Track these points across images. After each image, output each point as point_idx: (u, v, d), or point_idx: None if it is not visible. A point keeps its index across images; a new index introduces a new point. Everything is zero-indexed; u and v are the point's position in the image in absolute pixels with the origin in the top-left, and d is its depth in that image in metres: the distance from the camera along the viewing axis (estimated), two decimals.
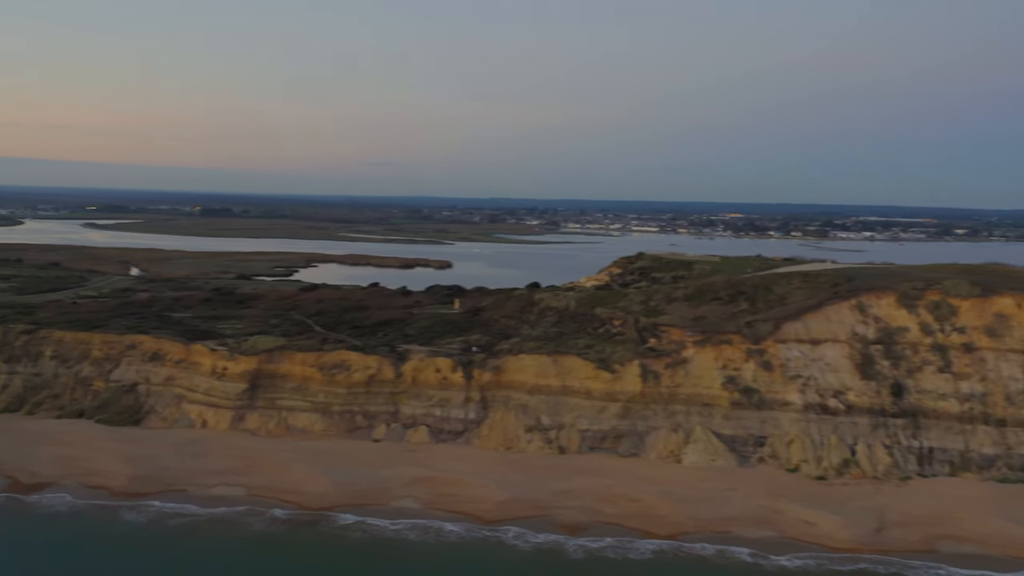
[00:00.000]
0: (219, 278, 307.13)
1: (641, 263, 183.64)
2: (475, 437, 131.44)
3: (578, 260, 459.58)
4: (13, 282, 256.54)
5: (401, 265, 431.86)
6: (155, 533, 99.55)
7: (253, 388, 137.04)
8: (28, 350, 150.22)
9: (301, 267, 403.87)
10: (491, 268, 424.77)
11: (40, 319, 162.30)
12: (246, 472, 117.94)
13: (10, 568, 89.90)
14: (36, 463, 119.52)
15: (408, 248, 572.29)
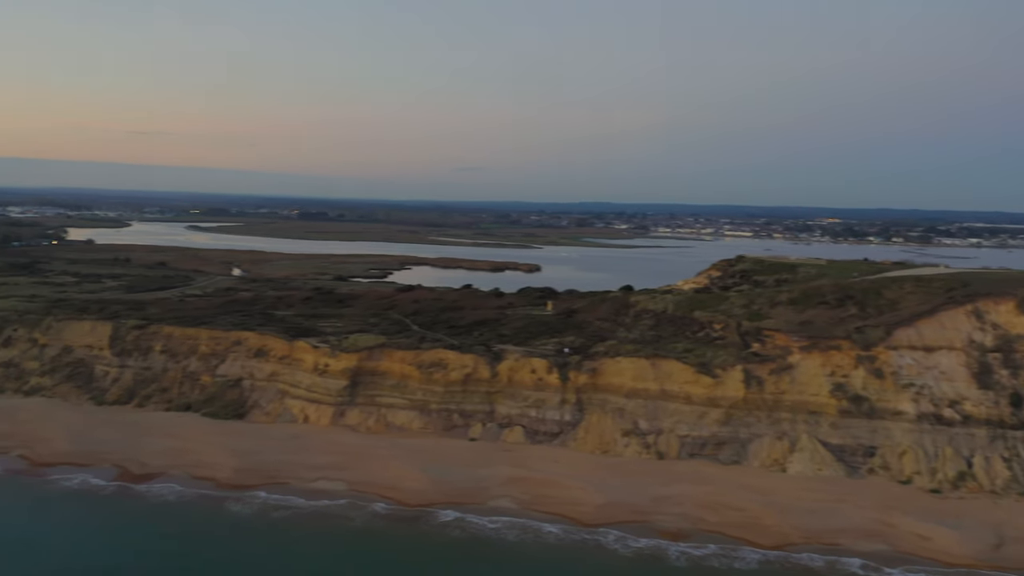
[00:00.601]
0: (317, 279, 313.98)
1: (742, 266, 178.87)
2: (571, 439, 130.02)
3: (669, 264, 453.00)
4: (123, 280, 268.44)
5: (491, 268, 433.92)
6: (260, 524, 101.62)
7: (353, 385, 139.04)
8: (139, 345, 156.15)
9: (395, 269, 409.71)
10: (580, 272, 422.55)
11: (150, 315, 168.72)
12: (347, 467, 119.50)
13: (123, 554, 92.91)
14: (145, 454, 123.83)
15: (497, 252, 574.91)
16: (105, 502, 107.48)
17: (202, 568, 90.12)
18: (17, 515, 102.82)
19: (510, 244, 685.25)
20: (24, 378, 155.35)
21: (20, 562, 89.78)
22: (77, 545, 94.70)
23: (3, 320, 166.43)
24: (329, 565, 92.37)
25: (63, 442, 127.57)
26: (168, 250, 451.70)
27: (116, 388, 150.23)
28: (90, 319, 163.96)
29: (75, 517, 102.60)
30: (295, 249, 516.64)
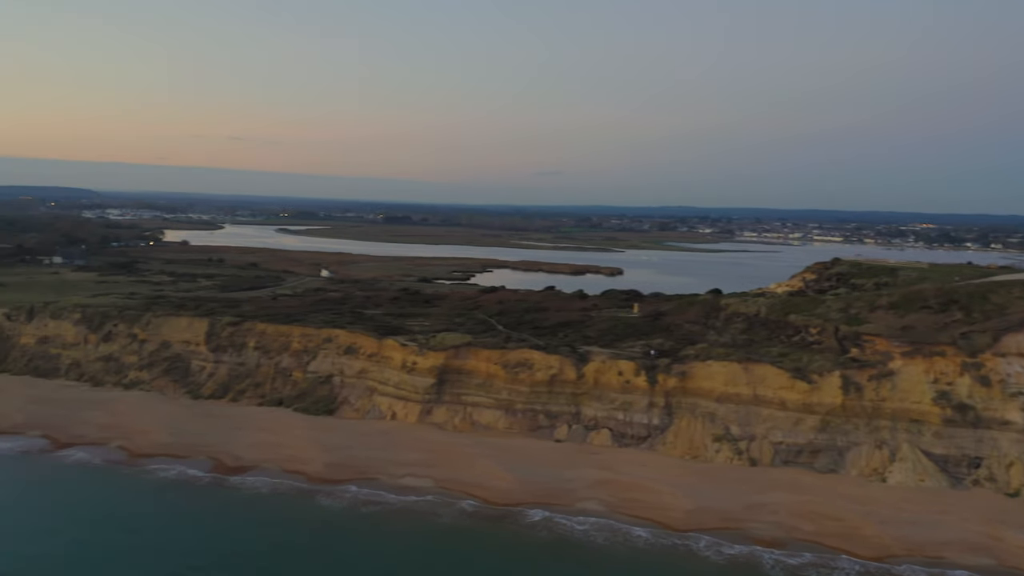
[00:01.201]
0: (402, 280, 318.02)
1: (838, 268, 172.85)
2: (659, 443, 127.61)
3: (756, 269, 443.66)
4: (216, 280, 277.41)
5: (572, 271, 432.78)
6: (351, 518, 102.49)
7: (440, 383, 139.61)
8: (233, 341, 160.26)
9: (477, 272, 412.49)
10: (663, 275, 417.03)
11: (244, 312, 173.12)
12: (434, 464, 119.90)
13: (220, 543, 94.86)
14: (239, 447, 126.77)
15: (578, 255, 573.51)
16: (202, 493, 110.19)
17: (296, 559, 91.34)
18: (118, 504, 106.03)
19: (591, 248, 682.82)
20: (124, 372, 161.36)
21: (122, 549, 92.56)
22: (176, 534, 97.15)
23: (104, 315, 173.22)
24: (419, 561, 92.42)
25: (160, 434, 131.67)
26: (259, 251, 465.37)
27: (211, 383, 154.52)
28: (187, 315, 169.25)
29: (174, 506, 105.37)
30: (380, 252, 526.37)
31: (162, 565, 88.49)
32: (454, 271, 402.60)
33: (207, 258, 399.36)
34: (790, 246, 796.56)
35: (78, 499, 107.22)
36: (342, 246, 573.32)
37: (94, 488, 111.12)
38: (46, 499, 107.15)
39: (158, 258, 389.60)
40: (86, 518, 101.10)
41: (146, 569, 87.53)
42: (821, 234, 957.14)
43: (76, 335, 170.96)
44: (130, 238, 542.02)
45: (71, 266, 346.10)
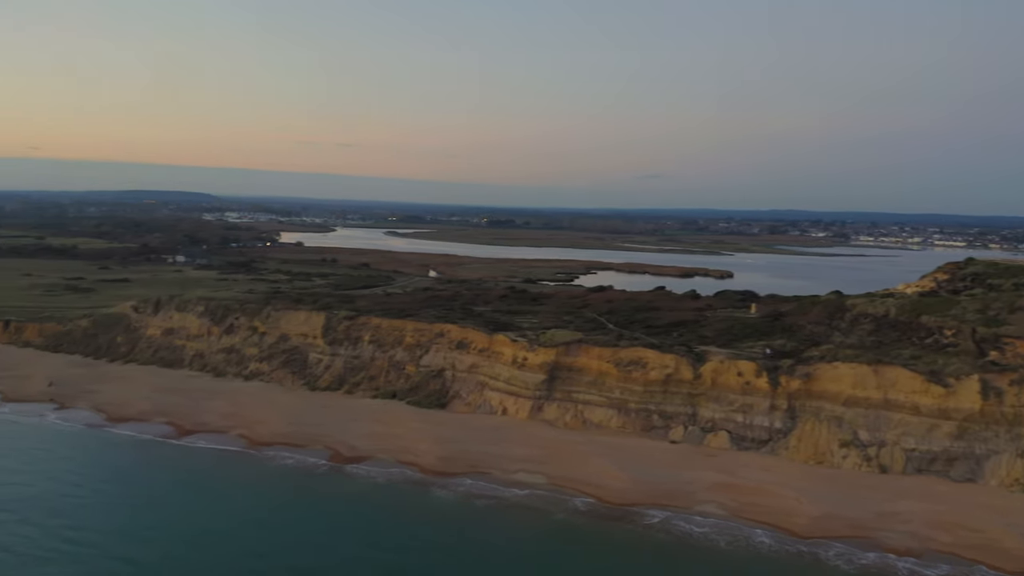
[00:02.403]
0: (507, 281, 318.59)
1: (973, 268, 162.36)
2: (781, 447, 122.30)
3: (875, 273, 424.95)
4: (330, 279, 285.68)
5: (679, 274, 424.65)
6: (465, 511, 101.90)
7: (551, 380, 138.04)
8: (349, 335, 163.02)
9: (581, 273, 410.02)
10: (776, 278, 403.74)
11: (359, 307, 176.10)
12: (546, 461, 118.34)
13: (338, 531, 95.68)
14: (354, 437, 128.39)
15: (684, 258, 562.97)
16: (319, 481, 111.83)
17: (412, 548, 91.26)
18: (240, 491, 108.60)
19: (697, 251, 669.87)
20: (244, 363, 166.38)
21: (244, 535, 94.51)
22: (297, 521, 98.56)
23: (226, 309, 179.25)
24: (538, 557, 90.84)
25: (279, 424, 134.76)
26: (370, 253, 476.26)
27: (328, 375, 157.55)
28: (305, 310, 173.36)
29: (295, 494, 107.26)
30: (485, 254, 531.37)
31: (284, 552, 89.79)
32: (558, 273, 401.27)
33: (321, 258, 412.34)
34: (909, 251, 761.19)
35: (201, 485, 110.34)
36: (448, 248, 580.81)
37: (216, 475, 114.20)
38: (171, 485, 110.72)
39: (274, 258, 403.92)
40: (209, 504, 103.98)
41: (269, 556, 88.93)
42: (942, 239, 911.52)
43: (200, 327, 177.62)
44: (248, 239, 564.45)
45: (193, 265, 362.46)
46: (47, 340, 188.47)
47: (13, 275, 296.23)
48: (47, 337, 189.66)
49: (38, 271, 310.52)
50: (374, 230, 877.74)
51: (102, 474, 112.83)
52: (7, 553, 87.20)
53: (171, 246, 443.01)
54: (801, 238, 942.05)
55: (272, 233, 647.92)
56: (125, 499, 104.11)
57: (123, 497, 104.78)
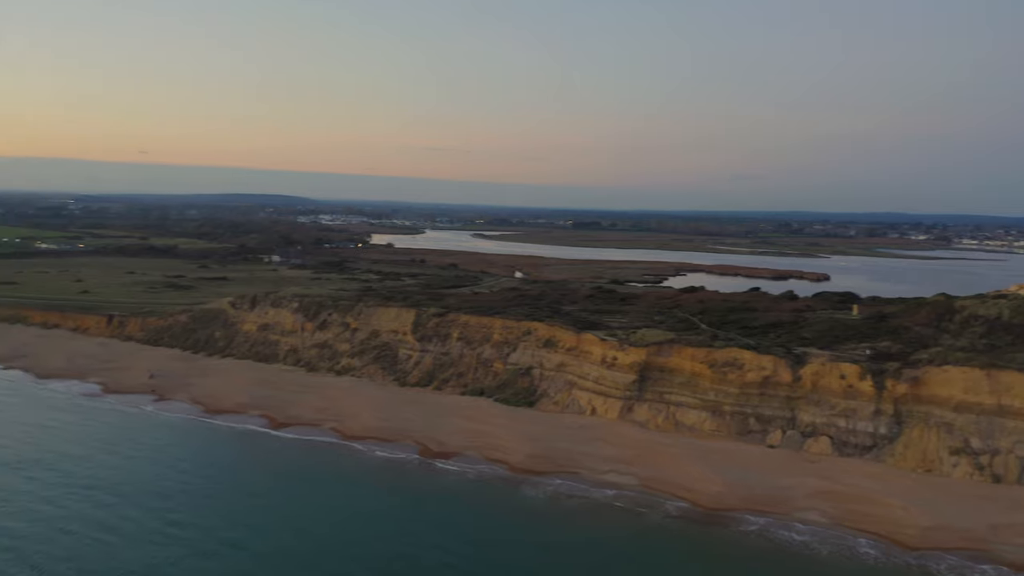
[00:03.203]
0: (593, 282, 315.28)
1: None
2: (886, 454, 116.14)
3: (981, 278, 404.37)
4: (419, 279, 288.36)
5: (773, 276, 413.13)
6: (555, 511, 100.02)
7: (642, 380, 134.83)
8: (438, 331, 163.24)
9: (670, 275, 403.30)
10: (876, 282, 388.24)
11: (448, 305, 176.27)
12: (636, 462, 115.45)
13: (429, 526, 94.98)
14: (443, 433, 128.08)
15: (778, 261, 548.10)
16: (410, 476, 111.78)
17: (503, 546, 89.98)
18: (335, 483, 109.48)
19: (792, 253, 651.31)
20: (337, 358, 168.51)
21: (341, 525, 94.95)
22: (390, 513, 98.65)
23: (319, 305, 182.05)
24: (630, 560, 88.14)
25: (370, 418, 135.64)
26: (457, 254, 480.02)
27: (417, 371, 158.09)
28: (395, 307, 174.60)
29: (387, 488, 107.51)
30: (571, 256, 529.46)
31: (380, 544, 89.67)
32: (645, 274, 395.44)
33: (410, 259, 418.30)
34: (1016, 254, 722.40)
35: (297, 476, 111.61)
36: (534, 250, 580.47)
37: (311, 467, 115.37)
38: (267, 475, 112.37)
39: (366, 258, 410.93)
40: (305, 494, 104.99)
41: (366, 547, 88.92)
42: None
43: (294, 323, 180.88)
44: (340, 240, 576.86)
45: (288, 264, 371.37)
46: (148, 334, 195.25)
47: (118, 273, 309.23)
48: (148, 331, 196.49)
49: (141, 269, 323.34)
50: (461, 232, 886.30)
51: (200, 463, 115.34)
52: (115, 535, 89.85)
53: (267, 246, 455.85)
54: (901, 241, 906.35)
55: (364, 235, 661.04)
56: (223, 487, 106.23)
57: (221, 485, 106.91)
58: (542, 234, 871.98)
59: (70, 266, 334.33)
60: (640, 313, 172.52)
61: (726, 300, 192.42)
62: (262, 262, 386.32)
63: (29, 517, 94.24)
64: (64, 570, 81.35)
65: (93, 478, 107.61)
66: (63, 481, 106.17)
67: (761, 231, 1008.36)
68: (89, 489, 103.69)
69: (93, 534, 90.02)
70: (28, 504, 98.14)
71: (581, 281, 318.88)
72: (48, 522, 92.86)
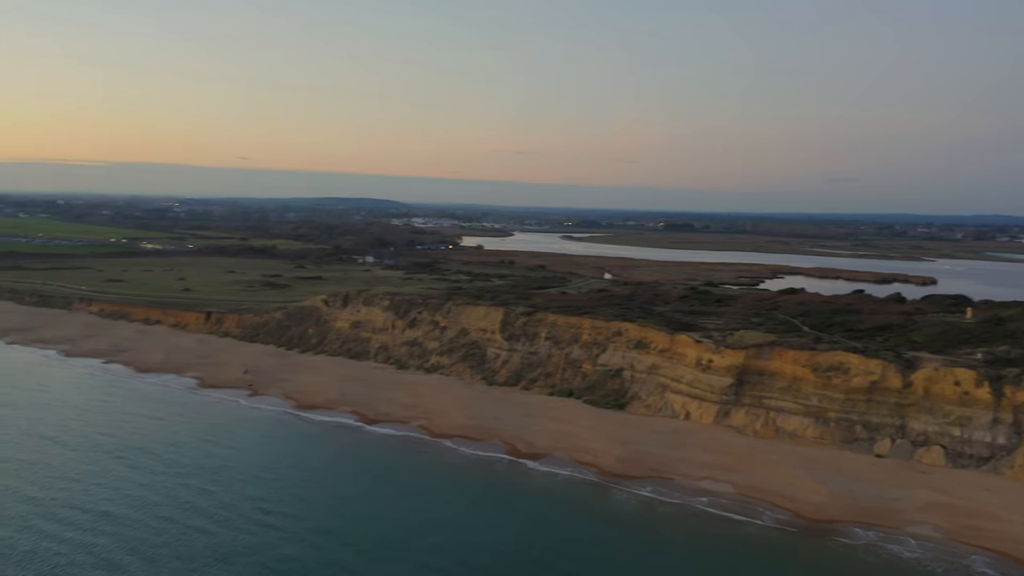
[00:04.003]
0: (686, 284, 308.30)
1: None
2: (1006, 466, 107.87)
3: None
4: (508, 280, 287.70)
5: (876, 280, 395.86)
6: (648, 518, 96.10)
7: (739, 384, 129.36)
8: (526, 331, 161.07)
9: (766, 278, 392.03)
10: (987, 286, 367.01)
11: (536, 304, 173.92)
12: (733, 469, 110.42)
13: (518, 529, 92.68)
14: (531, 434, 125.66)
15: (881, 264, 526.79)
16: (499, 476, 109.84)
17: (595, 551, 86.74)
18: (424, 480, 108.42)
19: (895, 256, 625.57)
20: (426, 356, 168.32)
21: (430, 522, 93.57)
22: (480, 513, 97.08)
23: (410, 303, 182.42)
24: (725, 571, 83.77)
25: (458, 416, 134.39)
26: (546, 256, 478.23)
27: (505, 370, 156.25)
28: (484, 305, 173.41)
29: (476, 487, 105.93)
30: (661, 257, 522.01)
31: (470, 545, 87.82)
32: (740, 277, 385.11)
33: (499, 260, 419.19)
34: None
35: (386, 472, 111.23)
36: (623, 252, 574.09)
37: (401, 463, 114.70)
38: (358, 470, 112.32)
39: (456, 260, 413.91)
40: (395, 490, 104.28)
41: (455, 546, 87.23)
42: None
43: (385, 321, 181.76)
44: (432, 242, 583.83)
45: (381, 265, 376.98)
46: (244, 331, 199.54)
47: (218, 272, 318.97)
48: (244, 328, 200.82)
49: (240, 268, 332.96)
50: (550, 234, 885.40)
51: (292, 457, 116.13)
52: (214, 522, 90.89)
53: (361, 248, 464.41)
54: (1011, 244, 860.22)
55: (454, 237, 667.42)
56: (315, 480, 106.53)
57: (313, 478, 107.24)
58: (632, 236, 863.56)
59: (173, 265, 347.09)
60: (737, 315, 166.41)
61: (828, 302, 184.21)
62: (356, 263, 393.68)
63: (130, 504, 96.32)
64: (163, 555, 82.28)
65: (190, 468, 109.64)
66: (161, 470, 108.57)
67: (861, 234, 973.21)
68: (186, 477, 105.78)
69: (190, 521, 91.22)
70: (129, 491, 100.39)
71: (673, 283, 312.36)
72: (148, 508, 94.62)
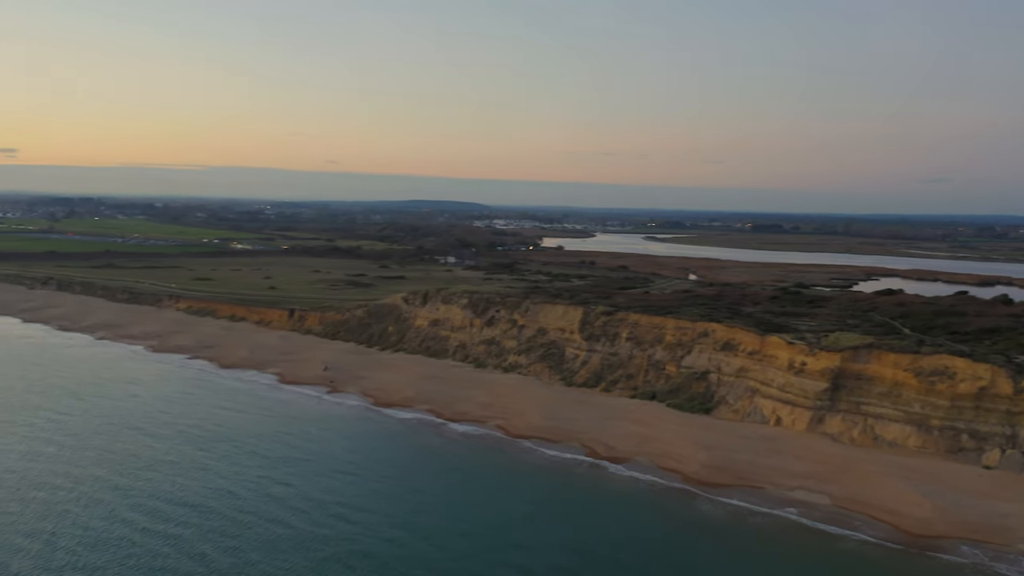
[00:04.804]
0: (775, 286, 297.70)
1: None
2: None
3: None
4: (588, 280, 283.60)
5: (977, 282, 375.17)
6: (737, 530, 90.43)
7: (835, 388, 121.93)
8: (606, 331, 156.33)
9: (860, 280, 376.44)
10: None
11: (617, 303, 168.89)
12: (829, 479, 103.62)
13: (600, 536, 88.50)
14: (611, 437, 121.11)
15: (982, 266, 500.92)
16: (579, 480, 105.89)
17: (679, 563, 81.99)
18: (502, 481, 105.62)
19: (998, 258, 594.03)
20: (504, 355, 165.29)
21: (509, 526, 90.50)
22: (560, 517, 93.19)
23: (488, 302, 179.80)
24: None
25: (535, 417, 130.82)
26: (628, 256, 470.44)
27: (584, 371, 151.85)
28: (562, 304, 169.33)
29: (556, 490, 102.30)
30: (749, 258, 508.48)
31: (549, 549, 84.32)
32: (833, 278, 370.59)
33: (580, 261, 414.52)
34: None
35: (464, 473, 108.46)
36: (708, 252, 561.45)
37: (478, 464, 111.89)
38: (434, 470, 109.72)
39: (536, 260, 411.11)
40: (472, 491, 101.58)
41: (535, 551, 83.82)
42: None
43: (463, 319, 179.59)
44: (512, 244, 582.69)
45: (462, 265, 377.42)
46: (326, 328, 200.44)
47: (303, 271, 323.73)
48: (326, 325, 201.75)
49: (326, 268, 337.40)
50: (633, 235, 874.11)
51: (369, 454, 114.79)
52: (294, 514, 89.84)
53: (443, 248, 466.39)
54: None
55: (535, 238, 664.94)
56: (391, 478, 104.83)
57: (389, 476, 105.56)
58: (718, 237, 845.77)
59: (261, 264, 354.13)
60: (831, 316, 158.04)
61: (930, 304, 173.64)
62: (438, 263, 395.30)
63: (213, 494, 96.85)
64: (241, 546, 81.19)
65: (270, 461, 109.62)
66: (244, 462, 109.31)
67: (960, 235, 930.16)
68: (267, 470, 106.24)
69: (271, 511, 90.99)
70: (212, 482, 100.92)
71: (762, 284, 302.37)
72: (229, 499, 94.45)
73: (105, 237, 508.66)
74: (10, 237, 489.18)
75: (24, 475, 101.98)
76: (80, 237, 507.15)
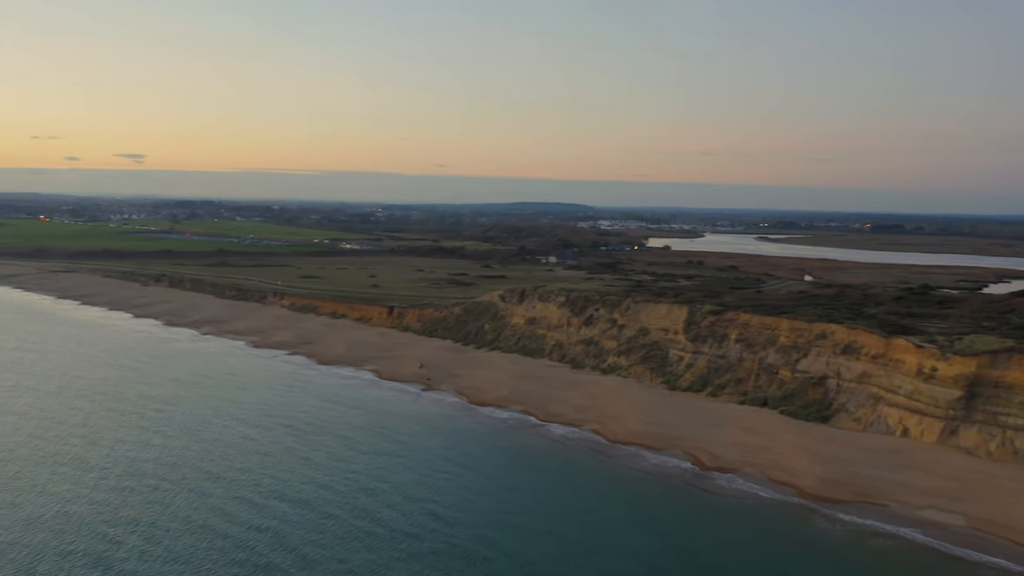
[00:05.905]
0: (897, 287, 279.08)
1: None
2: None
3: None
4: (695, 281, 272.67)
5: None
6: (858, 552, 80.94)
7: (970, 397, 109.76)
8: (713, 331, 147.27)
9: (990, 282, 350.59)
10: None
11: (726, 303, 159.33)
12: (962, 498, 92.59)
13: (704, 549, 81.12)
14: (718, 445, 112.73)
15: None
16: (682, 490, 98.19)
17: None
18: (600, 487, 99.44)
19: None
20: (602, 356, 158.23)
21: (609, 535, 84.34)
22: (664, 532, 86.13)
23: (586, 300, 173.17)
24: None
25: (634, 421, 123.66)
26: (738, 257, 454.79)
27: (689, 374, 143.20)
28: (666, 303, 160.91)
29: (653, 499, 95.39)
30: (868, 259, 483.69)
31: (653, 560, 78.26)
32: (960, 280, 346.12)
33: (687, 261, 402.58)
34: None
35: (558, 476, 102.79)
36: (825, 253, 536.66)
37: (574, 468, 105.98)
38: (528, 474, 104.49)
39: (640, 260, 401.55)
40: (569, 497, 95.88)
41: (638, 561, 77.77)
42: None
43: (560, 318, 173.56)
44: (617, 244, 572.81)
45: (563, 265, 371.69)
46: (424, 325, 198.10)
47: (407, 270, 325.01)
48: (425, 323, 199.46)
49: (429, 267, 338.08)
50: (744, 236, 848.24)
51: (462, 456, 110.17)
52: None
53: (545, 248, 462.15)
54: None
55: (640, 238, 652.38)
56: (483, 481, 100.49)
57: (481, 479, 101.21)
58: (834, 237, 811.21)
59: (367, 264, 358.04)
60: (963, 318, 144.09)
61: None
62: (539, 263, 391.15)
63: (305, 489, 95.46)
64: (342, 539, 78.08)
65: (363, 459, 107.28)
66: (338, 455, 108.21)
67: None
68: (359, 465, 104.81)
69: (362, 507, 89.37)
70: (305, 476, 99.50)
71: (883, 285, 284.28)
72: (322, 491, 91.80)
73: (221, 237, 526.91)
74: (131, 237, 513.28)
75: (132, 463, 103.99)
76: (197, 237, 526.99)
